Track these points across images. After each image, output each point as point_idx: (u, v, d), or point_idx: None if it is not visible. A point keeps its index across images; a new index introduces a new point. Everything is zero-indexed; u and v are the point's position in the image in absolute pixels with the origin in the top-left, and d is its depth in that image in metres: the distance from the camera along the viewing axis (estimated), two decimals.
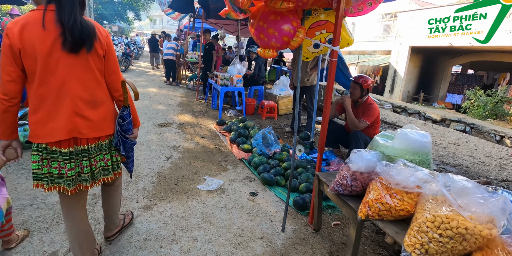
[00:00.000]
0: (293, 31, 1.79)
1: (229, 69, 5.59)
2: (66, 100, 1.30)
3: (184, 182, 2.74)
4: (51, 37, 1.22)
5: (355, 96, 3.37)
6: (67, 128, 1.30)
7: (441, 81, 16.79)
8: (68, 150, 1.33)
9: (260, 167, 3.00)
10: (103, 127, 1.41)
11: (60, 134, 1.29)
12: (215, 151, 3.59)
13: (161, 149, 3.51)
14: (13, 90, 1.24)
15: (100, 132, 1.40)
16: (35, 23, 1.20)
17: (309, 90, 4.33)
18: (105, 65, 1.41)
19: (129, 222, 2.02)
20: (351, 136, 3.26)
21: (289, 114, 5.94)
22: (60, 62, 1.26)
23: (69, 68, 1.28)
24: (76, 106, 1.31)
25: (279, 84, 5.98)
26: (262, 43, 1.90)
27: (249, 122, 4.26)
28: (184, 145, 3.69)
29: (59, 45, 1.24)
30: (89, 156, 1.39)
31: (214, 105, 5.95)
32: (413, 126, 1.93)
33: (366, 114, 3.30)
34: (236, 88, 5.22)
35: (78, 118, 1.32)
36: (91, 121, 1.35)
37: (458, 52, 14.58)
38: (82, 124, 1.33)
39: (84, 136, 1.34)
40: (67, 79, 1.28)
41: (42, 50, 1.22)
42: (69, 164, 1.35)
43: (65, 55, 1.26)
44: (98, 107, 1.38)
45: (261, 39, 1.87)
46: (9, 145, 1.36)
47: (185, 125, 4.59)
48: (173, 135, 4.04)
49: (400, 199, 1.45)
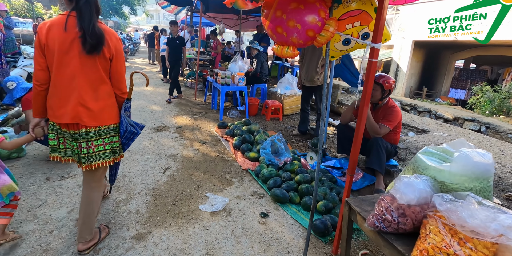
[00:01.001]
0: (321, 23, 1.40)
1: (230, 66, 5.18)
2: (74, 91, 1.53)
3: (184, 200, 2.37)
4: (70, 38, 1.47)
5: (375, 99, 2.99)
6: (71, 114, 1.54)
7: (444, 76, 16.52)
8: (73, 132, 1.58)
9: (270, 180, 2.63)
10: (101, 118, 1.61)
11: (66, 118, 1.54)
12: (217, 160, 3.21)
13: (157, 158, 3.13)
14: (43, 77, 1.53)
15: (98, 122, 1.60)
16: (59, 25, 1.46)
17: (319, 90, 3.95)
18: (111, 67, 1.62)
19: (105, 236, 1.90)
20: (371, 143, 2.89)
21: (295, 114, 5.56)
22: (73, 59, 1.50)
23: (79, 66, 1.51)
24: (81, 97, 1.53)
25: (284, 82, 5.59)
26: (280, 39, 1.51)
27: (254, 126, 3.88)
28: (182, 153, 3.31)
29: (76, 46, 1.48)
30: (87, 139, 1.59)
31: (214, 106, 5.55)
32: (465, 142, 1.56)
33: (388, 118, 2.92)
34: (238, 87, 4.83)
35: (81, 108, 1.54)
36: (92, 111, 1.56)
37: (462, 47, 14.26)
38: (83, 113, 1.55)
39: (84, 123, 1.56)
40: (77, 74, 1.52)
41: (61, 48, 1.47)
42: (75, 143, 1.60)
43: (78, 55, 1.49)
44: (99, 101, 1.59)
45: (278, 34, 1.48)
46: (39, 123, 1.65)
47: (183, 129, 4.20)
48: (171, 141, 3.66)
49: (473, 249, 1.09)
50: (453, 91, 16.31)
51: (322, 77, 3.87)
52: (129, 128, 1.73)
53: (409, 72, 15.91)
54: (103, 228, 1.92)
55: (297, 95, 5.46)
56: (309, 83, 3.91)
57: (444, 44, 14.06)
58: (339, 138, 3.35)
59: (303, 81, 3.97)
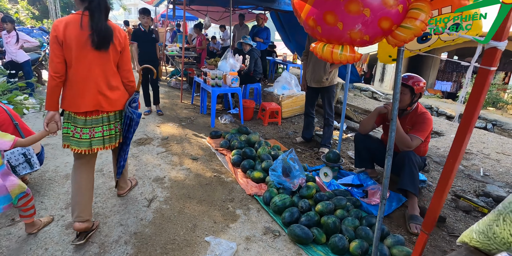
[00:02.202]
0: (402, 8, 0.85)
1: (220, 65, 4.55)
2: (92, 82, 1.73)
3: (178, 251, 1.78)
4: (85, 35, 1.65)
5: (403, 104, 2.49)
6: (93, 102, 1.74)
7: (430, 69, 16.60)
8: (92, 118, 1.77)
9: (285, 213, 2.08)
10: (117, 104, 1.84)
11: (87, 106, 1.72)
12: (214, 182, 2.63)
13: (140, 183, 2.51)
14: (61, 69, 1.66)
15: (113, 107, 1.83)
16: (75, 23, 1.64)
17: (328, 91, 3.41)
18: (120, 59, 1.84)
19: (96, 227, 1.96)
20: (402, 158, 2.40)
21: (294, 117, 5.02)
22: (88, 54, 1.69)
23: (94, 60, 1.71)
24: (99, 87, 1.75)
25: (281, 81, 5.02)
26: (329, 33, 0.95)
27: (254, 136, 3.31)
28: (171, 175, 2.70)
29: (89, 42, 1.66)
30: (106, 123, 1.83)
31: (204, 109, 4.92)
32: None
33: (419, 128, 2.43)
34: (231, 89, 4.22)
35: (100, 96, 1.75)
36: (110, 99, 1.79)
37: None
38: (103, 100, 1.76)
39: (104, 109, 1.78)
40: (93, 66, 1.72)
41: (78, 44, 1.65)
42: (95, 128, 1.78)
43: (93, 50, 1.69)
44: (114, 90, 1.82)
45: (328, 25, 0.92)
46: (53, 118, 1.71)
47: (170, 140, 3.57)
48: (156, 158, 3.04)
49: None
50: (439, 83, 16.38)
51: (331, 77, 3.34)
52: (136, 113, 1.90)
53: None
54: (96, 222, 1.98)
55: (296, 96, 4.93)
56: (316, 84, 3.37)
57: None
58: (358, 149, 2.84)
59: (309, 82, 3.42)
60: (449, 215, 2.42)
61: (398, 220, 2.34)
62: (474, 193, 2.76)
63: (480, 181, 2.95)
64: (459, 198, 2.65)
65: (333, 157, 2.75)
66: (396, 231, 2.18)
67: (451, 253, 1.31)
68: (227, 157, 3.14)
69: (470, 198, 2.59)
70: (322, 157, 2.85)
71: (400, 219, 2.35)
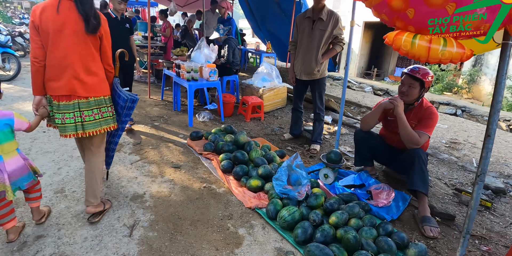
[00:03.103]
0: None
1: (194, 56, 4.06)
2: (68, 67, 1.71)
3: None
4: (62, 19, 1.64)
5: (411, 98, 2.31)
6: (67, 87, 1.71)
7: (390, 56, 17.39)
8: (64, 103, 1.73)
9: (297, 230, 1.80)
10: (93, 90, 1.79)
11: (62, 91, 1.71)
12: (205, 195, 2.26)
13: (115, 205, 2.06)
14: (40, 54, 1.68)
15: (90, 93, 1.77)
16: (52, 8, 1.64)
17: (319, 84, 3.15)
18: (101, 44, 1.82)
19: (109, 207, 2.05)
20: (410, 157, 2.23)
21: (276, 111, 4.73)
22: (65, 39, 1.67)
23: (72, 45, 1.69)
24: (75, 72, 1.72)
25: (261, 73, 4.66)
26: (431, 17, 0.62)
27: (242, 136, 2.96)
28: (152, 190, 2.28)
29: (69, 26, 1.65)
30: (79, 109, 1.75)
31: (178, 106, 4.42)
32: None
33: (426, 123, 2.27)
34: (210, 83, 3.78)
35: (75, 81, 1.72)
36: (86, 84, 1.75)
37: None
38: (78, 85, 1.73)
39: (78, 94, 1.73)
40: (69, 52, 1.69)
41: (54, 29, 1.63)
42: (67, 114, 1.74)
43: (72, 34, 1.67)
44: (92, 76, 1.78)
45: (433, 6, 0.59)
46: (40, 102, 1.76)
47: (143, 145, 3.09)
48: (129, 169, 2.57)
49: None
50: (398, 70, 17.18)
51: (322, 68, 3.06)
52: (127, 96, 1.88)
53: (360, 53, 16.35)
54: (105, 201, 2.05)
55: (277, 88, 4.62)
56: (306, 77, 3.08)
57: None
58: (359, 148, 2.64)
59: (299, 74, 3.12)
60: (455, 212, 2.33)
61: (409, 222, 2.19)
62: (472, 185, 2.73)
63: (474, 172, 2.93)
64: (461, 192, 2.59)
65: (335, 157, 2.51)
66: (411, 236, 2.02)
67: None
68: (215, 162, 2.76)
69: (471, 192, 2.53)
70: (322, 157, 2.60)
71: (411, 221, 2.20)
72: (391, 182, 2.71)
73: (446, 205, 2.41)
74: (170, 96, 5.05)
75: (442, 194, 2.57)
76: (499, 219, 2.27)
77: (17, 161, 1.61)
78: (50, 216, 1.91)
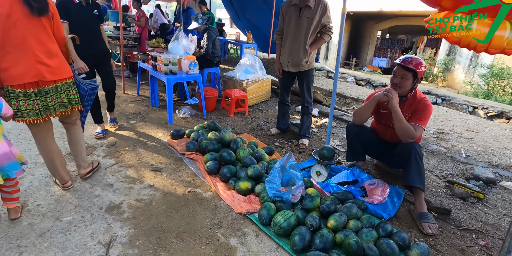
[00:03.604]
0: None
1: (172, 47, 3.75)
2: (28, 51, 1.66)
3: None
4: (7, 4, 1.57)
5: (404, 90, 2.19)
6: (31, 73, 1.68)
7: (368, 46, 17.64)
8: (32, 90, 1.71)
9: (295, 237, 1.65)
10: (59, 72, 1.80)
11: (27, 78, 1.67)
12: (191, 202, 2.06)
13: (87, 219, 1.81)
14: None
15: (57, 76, 1.79)
16: None
17: (307, 76, 2.98)
18: (54, 25, 1.79)
19: (97, 166, 2.37)
20: (407, 151, 2.13)
21: (260, 104, 4.54)
22: (18, 22, 1.61)
23: (27, 27, 1.64)
24: (37, 56, 1.68)
25: (243, 65, 4.43)
26: None
27: (227, 134, 2.75)
28: (130, 199, 2.04)
29: (18, 9, 1.60)
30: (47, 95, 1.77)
31: (156, 102, 4.12)
32: None
33: (420, 116, 2.18)
34: (190, 76, 3.51)
35: (40, 65, 1.70)
36: (51, 67, 1.74)
37: (384, 17, 15.17)
38: (44, 69, 1.71)
39: (46, 78, 1.73)
40: (26, 35, 1.64)
41: (2, 14, 1.57)
42: (35, 100, 1.73)
43: (23, 17, 1.62)
44: (54, 57, 1.76)
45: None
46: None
47: (119, 147, 2.81)
48: (104, 176, 2.30)
49: None
50: (376, 59, 17.49)
51: (311, 59, 2.89)
52: (87, 86, 1.98)
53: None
54: (94, 161, 2.35)
55: (261, 80, 4.41)
56: (294, 68, 2.90)
57: (368, 15, 14.81)
58: (352, 143, 2.52)
59: (286, 66, 2.93)
60: (450, 205, 2.28)
61: (406, 218, 2.12)
62: (463, 176, 2.71)
63: (464, 162, 2.92)
64: (453, 184, 2.55)
65: (328, 154, 2.38)
66: (410, 234, 1.94)
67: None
68: (199, 163, 2.55)
69: (464, 184, 2.50)
70: (314, 154, 2.46)
71: (408, 217, 2.13)
72: (384, 176, 2.63)
73: (441, 198, 2.36)
74: (147, 91, 4.71)
75: (435, 187, 2.52)
76: (493, 211, 2.25)
77: (3, 146, 1.58)
78: (9, 236, 1.64)
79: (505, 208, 2.29)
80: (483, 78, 9.08)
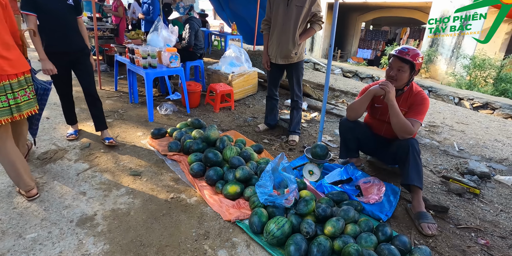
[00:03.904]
0: None
1: (151, 38, 3.47)
2: None
3: None
4: None
5: (401, 83, 2.07)
6: None
7: (353, 37, 17.68)
8: None
9: (290, 247, 1.50)
10: (19, 65, 1.69)
11: None
12: (174, 210, 1.87)
13: (55, 234, 1.59)
14: None
15: (18, 69, 1.67)
16: None
17: (297, 68, 2.81)
18: (5, 14, 1.64)
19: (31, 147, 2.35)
20: (405, 148, 2.02)
21: (247, 98, 4.35)
22: None
23: None
24: None
25: (228, 57, 4.20)
26: None
27: (213, 132, 2.55)
28: (105, 209, 1.83)
29: None
30: (12, 90, 1.65)
31: (135, 98, 3.84)
32: None
33: (417, 110, 2.07)
34: (171, 70, 3.26)
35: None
36: (10, 60, 1.62)
37: (368, 8, 15.16)
38: (4, 63, 1.59)
39: (7, 72, 1.61)
40: None
41: None
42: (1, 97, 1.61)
43: None
44: (11, 49, 1.65)
45: None
46: None
47: (93, 149, 2.56)
48: (75, 182, 2.07)
49: None
50: (360, 51, 17.56)
51: (300, 50, 2.71)
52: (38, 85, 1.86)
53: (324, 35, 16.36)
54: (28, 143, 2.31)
55: (247, 73, 4.21)
56: (283, 60, 2.71)
57: (352, 6, 14.76)
58: (345, 139, 2.39)
59: (274, 58, 2.74)
60: (446, 202, 2.20)
61: (404, 218, 2.02)
62: (457, 171, 2.64)
63: (457, 156, 2.86)
64: (448, 179, 2.48)
65: (321, 152, 2.23)
66: (409, 236, 1.84)
67: None
68: (183, 165, 2.35)
69: (459, 179, 2.43)
70: (306, 152, 2.32)
71: (406, 217, 2.03)
72: (378, 173, 2.53)
73: (437, 195, 2.28)
74: (125, 86, 4.41)
75: (430, 183, 2.44)
76: (489, 207, 2.19)
77: None
78: None
79: (501, 203, 2.23)
80: (465, 69, 9.20)
